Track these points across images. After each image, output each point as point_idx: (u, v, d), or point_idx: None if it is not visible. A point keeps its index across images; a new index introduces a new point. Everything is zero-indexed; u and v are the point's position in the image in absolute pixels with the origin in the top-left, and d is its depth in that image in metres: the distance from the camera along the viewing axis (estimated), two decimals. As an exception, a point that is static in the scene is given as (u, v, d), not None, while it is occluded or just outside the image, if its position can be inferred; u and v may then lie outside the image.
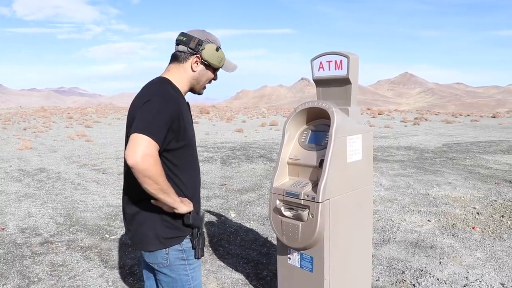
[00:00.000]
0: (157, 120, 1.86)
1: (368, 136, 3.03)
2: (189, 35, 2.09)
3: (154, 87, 2.04)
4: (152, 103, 1.90)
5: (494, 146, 12.98)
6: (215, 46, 2.11)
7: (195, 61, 2.11)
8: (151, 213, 2.01)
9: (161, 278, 2.14)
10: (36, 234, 5.29)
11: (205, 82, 2.21)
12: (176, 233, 2.05)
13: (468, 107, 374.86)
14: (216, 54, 2.12)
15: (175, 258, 2.07)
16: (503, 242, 4.82)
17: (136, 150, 1.79)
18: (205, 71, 2.16)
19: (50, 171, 9.78)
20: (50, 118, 33.64)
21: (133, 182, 1.90)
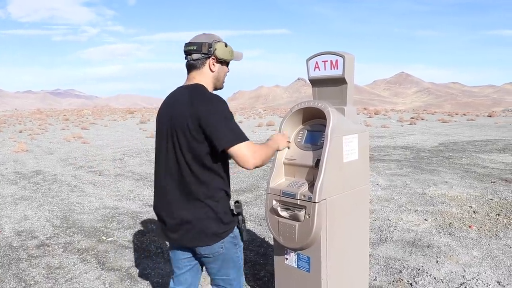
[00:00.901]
0: (233, 124, 2.17)
1: (364, 136, 3.03)
2: (197, 43, 2.30)
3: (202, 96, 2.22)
4: (217, 114, 2.16)
5: (490, 145, 13.02)
6: (223, 43, 2.34)
7: (212, 63, 2.33)
8: (206, 215, 2.23)
9: (213, 265, 2.38)
10: (32, 237, 5.27)
11: (224, 76, 2.45)
12: (228, 226, 2.31)
13: (464, 106, 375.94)
14: (227, 50, 2.36)
15: (229, 245, 2.34)
16: (499, 240, 4.83)
17: (246, 159, 2.14)
18: (222, 68, 2.40)
19: (46, 173, 9.76)
20: (46, 120, 33.55)
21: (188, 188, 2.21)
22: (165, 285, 3.95)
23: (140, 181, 8.70)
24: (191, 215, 2.23)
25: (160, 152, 2.35)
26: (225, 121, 2.15)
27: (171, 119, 2.24)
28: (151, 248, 4.88)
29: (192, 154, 2.19)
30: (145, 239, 5.16)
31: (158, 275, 4.16)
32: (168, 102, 2.36)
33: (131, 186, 8.25)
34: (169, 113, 2.27)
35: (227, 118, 2.16)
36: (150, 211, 6.38)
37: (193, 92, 2.24)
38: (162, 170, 2.32)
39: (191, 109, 2.15)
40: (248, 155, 2.13)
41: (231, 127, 2.15)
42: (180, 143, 2.20)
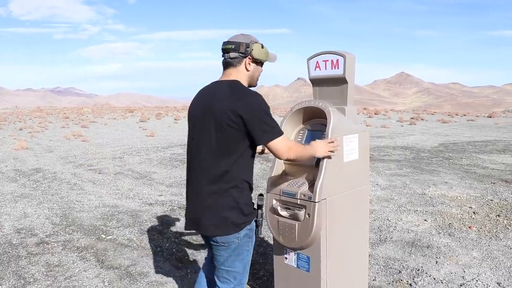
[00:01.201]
0: (272, 121, 2.31)
1: (364, 136, 3.03)
2: (236, 42, 2.43)
3: (244, 93, 2.36)
4: (259, 110, 2.30)
5: (490, 146, 13.01)
6: (260, 44, 2.47)
7: (248, 62, 2.46)
8: (228, 204, 2.36)
9: (224, 254, 2.46)
10: (32, 235, 5.27)
11: (258, 76, 2.57)
12: (247, 218, 2.43)
13: (464, 106, 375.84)
14: (263, 51, 2.49)
15: (244, 236, 2.45)
16: (499, 241, 4.82)
17: (281, 152, 2.33)
18: (257, 68, 2.53)
19: (46, 171, 9.76)
20: (46, 118, 33.55)
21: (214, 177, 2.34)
22: (164, 283, 3.95)
23: (139, 179, 8.70)
24: (214, 203, 2.36)
25: (192, 142, 2.48)
26: (265, 117, 2.30)
27: (208, 111, 2.36)
28: (150, 247, 4.87)
29: (223, 145, 2.32)
30: (145, 238, 5.15)
31: (158, 274, 4.16)
32: (204, 95, 2.48)
33: (130, 184, 8.24)
34: (206, 105, 2.40)
35: (266, 113, 2.31)
36: (150, 209, 6.38)
37: (233, 87, 2.39)
38: (193, 159, 2.47)
39: (232, 102, 2.29)
40: (283, 149, 2.32)
41: (270, 123, 2.30)
42: (213, 134, 2.33)
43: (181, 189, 7.77)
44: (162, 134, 19.11)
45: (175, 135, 18.59)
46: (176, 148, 13.46)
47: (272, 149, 2.33)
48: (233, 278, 2.52)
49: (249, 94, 2.36)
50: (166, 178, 8.83)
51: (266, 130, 2.29)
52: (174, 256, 4.61)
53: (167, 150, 12.98)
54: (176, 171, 9.52)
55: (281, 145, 2.32)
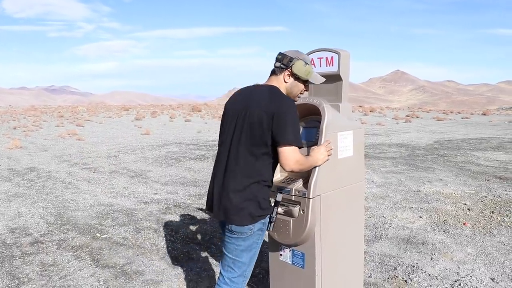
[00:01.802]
0: (297, 130, 2.45)
1: (359, 133, 3.03)
2: (284, 54, 2.59)
3: (281, 97, 2.51)
4: (291, 115, 2.42)
5: (485, 143, 13.07)
6: (303, 62, 2.57)
7: (287, 74, 2.60)
8: (247, 196, 2.47)
9: (235, 243, 2.56)
10: (26, 234, 5.25)
11: (297, 92, 2.67)
12: (264, 212, 2.54)
13: (459, 104, 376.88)
14: (303, 69, 2.58)
15: (257, 229, 2.55)
16: (493, 237, 4.85)
17: (287, 162, 2.41)
18: (295, 83, 2.63)
19: (41, 170, 9.71)
20: (41, 117, 33.40)
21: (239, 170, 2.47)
22: (159, 282, 3.94)
23: (135, 178, 8.68)
24: (235, 193, 2.48)
25: (227, 135, 2.59)
26: (292, 123, 2.41)
27: (245, 109, 2.51)
28: (146, 245, 4.86)
29: (253, 142, 2.46)
30: (140, 236, 5.14)
31: (153, 272, 4.15)
32: (242, 95, 2.63)
33: (125, 183, 8.22)
34: (243, 104, 2.55)
35: (295, 120, 2.43)
36: (145, 208, 6.37)
37: (272, 91, 2.54)
38: (222, 153, 2.60)
39: (269, 103, 2.45)
40: (291, 159, 2.41)
41: (294, 129, 2.42)
42: (246, 131, 2.47)
43: (176, 187, 7.77)
44: (158, 133, 19.08)
45: (170, 133, 18.56)
46: (172, 146, 13.44)
47: (282, 155, 2.42)
48: (237, 268, 2.60)
49: (285, 98, 2.50)
50: (161, 176, 8.82)
51: (287, 133, 2.40)
52: (170, 254, 4.60)
53: (162, 149, 12.96)
54: (171, 170, 9.51)
55: (292, 156, 2.41)
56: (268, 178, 2.54)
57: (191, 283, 3.92)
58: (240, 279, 2.63)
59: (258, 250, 2.65)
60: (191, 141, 15.04)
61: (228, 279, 2.61)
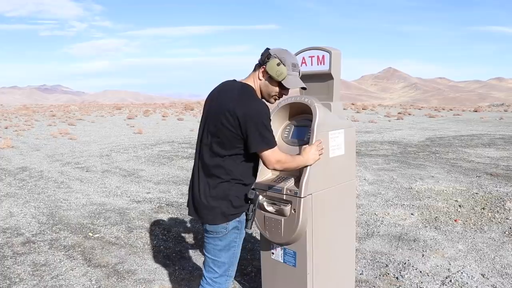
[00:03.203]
0: (268, 132, 2.36)
1: (350, 131, 3.04)
2: (266, 50, 2.47)
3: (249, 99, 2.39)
4: (259, 119, 2.32)
5: (476, 140, 13.16)
6: (277, 61, 2.41)
7: (262, 71, 2.47)
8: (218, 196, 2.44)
9: (212, 242, 2.54)
10: (17, 234, 5.22)
11: (270, 92, 2.52)
12: (238, 210, 2.49)
13: (451, 101, 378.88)
14: (275, 68, 2.41)
15: (232, 228, 2.50)
16: (483, 233, 4.89)
17: (267, 163, 2.40)
18: (270, 81, 2.48)
19: (33, 169, 9.66)
20: (32, 116, 33.16)
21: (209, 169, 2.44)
22: (152, 281, 3.94)
23: (127, 177, 8.65)
24: (205, 193, 2.46)
25: (199, 134, 2.56)
26: (261, 127, 2.33)
27: (214, 108, 2.45)
28: (138, 244, 4.86)
29: (219, 143, 2.40)
30: (132, 235, 5.13)
31: (145, 271, 4.15)
32: (217, 92, 2.54)
33: (118, 182, 8.20)
34: (214, 102, 2.48)
35: (263, 123, 2.34)
36: (137, 207, 6.36)
37: (243, 91, 2.43)
38: (196, 151, 2.58)
39: (234, 104, 2.34)
40: (271, 161, 2.38)
41: (263, 133, 2.34)
42: (212, 131, 2.42)
43: (169, 186, 7.75)
44: (150, 131, 19.02)
45: (163, 132, 18.51)
46: (164, 145, 13.41)
47: (262, 158, 2.41)
48: (217, 268, 2.56)
49: (253, 100, 2.40)
50: (154, 175, 8.80)
51: (258, 139, 2.33)
52: (162, 253, 4.60)
53: (155, 147, 12.92)
54: (164, 168, 9.49)
55: (270, 158, 2.37)
56: (240, 177, 2.47)
57: (183, 281, 3.92)
58: (223, 278, 2.59)
59: (239, 249, 2.61)
60: (184, 139, 15.00)
61: (210, 279, 2.59)
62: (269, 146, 2.36)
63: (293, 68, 2.47)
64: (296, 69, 2.50)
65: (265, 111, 2.37)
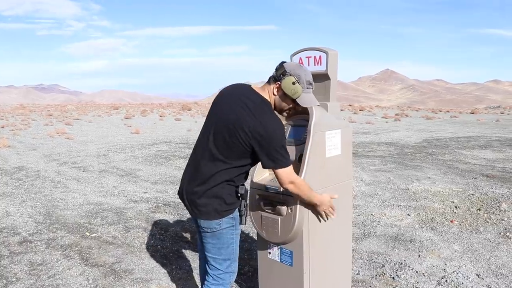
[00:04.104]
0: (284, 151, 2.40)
1: (347, 131, 3.06)
2: (281, 65, 2.47)
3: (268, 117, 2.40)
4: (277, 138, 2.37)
5: (473, 142, 13.20)
6: (293, 79, 2.42)
7: (276, 87, 2.50)
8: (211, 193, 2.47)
9: (211, 241, 2.58)
10: (14, 233, 5.22)
11: (284, 107, 2.56)
12: (229, 207, 2.53)
13: (448, 103, 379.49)
14: (291, 87, 2.44)
15: (226, 225, 2.54)
16: (479, 234, 4.91)
17: (284, 182, 2.43)
18: (284, 98, 2.51)
19: (29, 169, 9.64)
20: (29, 115, 33.07)
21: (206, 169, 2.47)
22: (149, 280, 3.95)
23: (124, 177, 8.65)
24: (200, 191, 2.49)
25: (202, 134, 2.59)
26: (277, 145, 2.37)
27: (227, 112, 2.45)
28: (135, 244, 4.86)
29: (227, 150, 2.43)
30: (129, 235, 5.14)
31: (142, 271, 4.15)
32: (231, 97, 2.52)
33: (115, 182, 8.20)
34: (228, 108, 2.47)
35: (280, 142, 2.38)
36: (135, 206, 6.36)
37: (262, 108, 2.43)
38: (197, 148, 2.61)
39: (253, 120, 2.36)
40: (284, 180, 2.42)
41: (279, 150, 2.38)
42: (220, 134, 2.44)
43: (166, 186, 7.76)
44: (147, 131, 19.01)
45: (160, 132, 18.50)
46: (161, 145, 13.41)
47: (276, 176, 2.45)
48: (219, 266, 2.62)
49: (272, 120, 2.40)
50: (151, 175, 8.80)
51: (273, 158, 2.38)
52: (159, 253, 4.60)
53: (152, 147, 12.92)
54: (161, 168, 9.49)
55: (284, 177, 2.41)
56: (234, 179, 2.52)
57: (181, 281, 3.93)
58: (227, 275, 2.66)
59: (237, 246, 2.67)
60: (181, 139, 15.00)
61: (215, 275, 2.64)
62: (283, 166, 2.40)
63: (308, 85, 2.50)
64: (311, 86, 2.53)
65: (282, 132, 2.42)
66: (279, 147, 2.38)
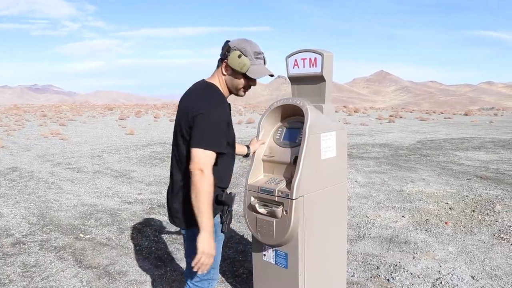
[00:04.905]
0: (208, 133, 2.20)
1: (342, 133, 3.06)
2: (225, 43, 2.36)
3: (206, 98, 2.30)
4: (208, 118, 2.20)
5: (466, 143, 13.26)
6: (238, 53, 2.30)
7: (224, 66, 2.37)
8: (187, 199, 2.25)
9: (189, 244, 2.42)
10: (7, 235, 5.18)
11: (237, 86, 2.41)
12: None
13: (442, 104, 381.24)
14: (238, 60, 2.30)
15: None
16: (473, 236, 4.93)
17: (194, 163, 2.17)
18: (234, 75, 2.37)
19: (23, 170, 9.59)
20: (23, 116, 32.93)
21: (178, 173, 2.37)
22: (143, 282, 3.93)
23: (118, 178, 8.62)
24: (175, 197, 2.41)
25: (172, 143, 2.48)
26: (205, 126, 2.20)
27: (181, 110, 2.37)
28: (129, 246, 4.84)
29: (182, 149, 2.32)
30: (124, 236, 5.11)
31: (137, 273, 4.13)
32: (186, 93, 2.46)
33: (109, 183, 8.17)
34: (182, 103, 2.40)
35: (211, 125, 2.21)
36: (129, 208, 6.34)
37: (205, 92, 2.35)
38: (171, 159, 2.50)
39: (194, 105, 2.27)
40: (195, 162, 2.17)
41: (202, 135, 2.19)
42: (177, 134, 2.36)
43: (160, 187, 7.73)
44: (142, 132, 18.97)
45: (154, 133, 18.46)
46: (156, 146, 13.38)
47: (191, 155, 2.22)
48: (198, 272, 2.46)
49: (210, 99, 2.29)
50: (145, 176, 8.77)
51: (198, 136, 2.20)
52: (153, 254, 4.59)
53: (146, 148, 12.89)
54: (155, 169, 9.46)
55: (196, 159, 2.18)
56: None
57: (175, 283, 3.92)
58: (205, 283, 2.52)
59: (219, 252, 2.49)
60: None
61: (192, 284, 2.53)
62: (199, 146, 2.18)
63: (256, 57, 2.36)
64: (260, 57, 2.39)
65: (218, 114, 2.25)
66: (209, 127, 2.20)
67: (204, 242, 2.19)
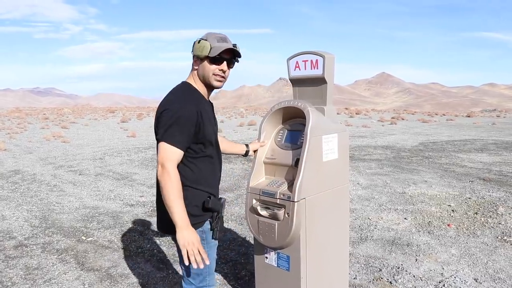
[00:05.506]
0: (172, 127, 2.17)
1: (343, 135, 3.05)
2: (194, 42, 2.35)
3: (171, 94, 2.33)
4: (170, 112, 2.19)
5: (469, 145, 13.24)
6: (198, 39, 2.31)
7: (195, 60, 2.36)
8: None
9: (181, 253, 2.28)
10: (10, 237, 5.19)
11: (209, 73, 2.34)
12: (198, 219, 2.33)
13: (444, 106, 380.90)
14: (197, 46, 2.30)
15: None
16: (476, 238, 4.91)
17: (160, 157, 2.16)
18: (202, 64, 2.33)
19: (25, 172, 9.61)
20: (25, 119, 33.01)
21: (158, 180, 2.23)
22: (145, 285, 3.93)
23: (120, 180, 8.62)
24: (157, 204, 2.38)
25: None
26: (169, 121, 2.18)
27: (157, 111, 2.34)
28: (131, 248, 4.84)
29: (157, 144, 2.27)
30: (125, 239, 5.11)
31: (138, 275, 4.13)
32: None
33: (111, 185, 8.17)
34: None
35: (175, 120, 2.17)
36: (131, 210, 6.34)
37: (175, 90, 2.36)
38: None
39: (162, 103, 2.30)
40: (160, 156, 2.17)
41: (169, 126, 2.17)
42: (155, 133, 2.31)
43: (162, 190, 7.73)
44: (144, 135, 18.98)
45: (157, 136, 18.47)
46: (158, 149, 13.38)
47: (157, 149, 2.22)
48: (192, 279, 2.45)
49: (173, 95, 2.31)
50: (147, 179, 8.77)
51: (164, 128, 2.18)
52: (155, 257, 4.58)
53: (148, 151, 12.89)
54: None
55: (161, 153, 2.17)
56: (193, 182, 2.33)
57: (177, 286, 3.91)
58: None
59: (213, 259, 2.47)
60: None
61: None
62: (164, 139, 2.17)
63: (219, 40, 2.30)
64: (223, 41, 2.32)
65: (184, 111, 2.20)
66: (171, 122, 2.16)
67: (181, 237, 2.15)
